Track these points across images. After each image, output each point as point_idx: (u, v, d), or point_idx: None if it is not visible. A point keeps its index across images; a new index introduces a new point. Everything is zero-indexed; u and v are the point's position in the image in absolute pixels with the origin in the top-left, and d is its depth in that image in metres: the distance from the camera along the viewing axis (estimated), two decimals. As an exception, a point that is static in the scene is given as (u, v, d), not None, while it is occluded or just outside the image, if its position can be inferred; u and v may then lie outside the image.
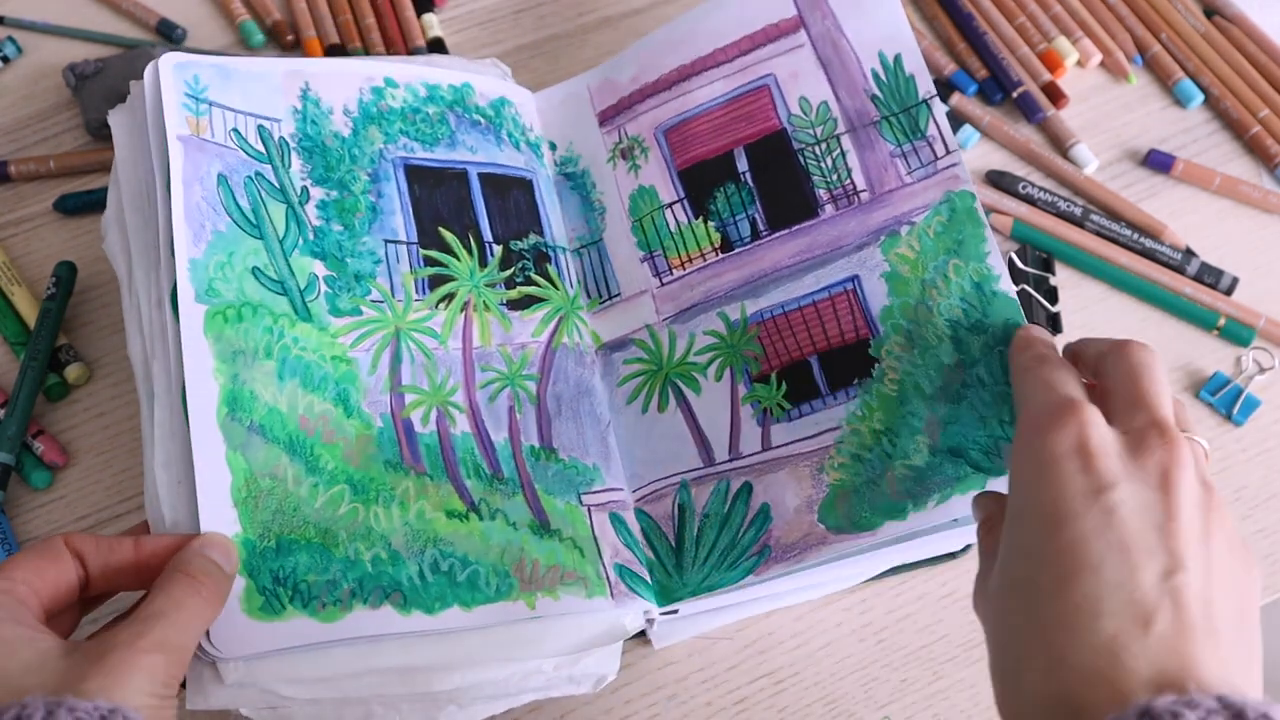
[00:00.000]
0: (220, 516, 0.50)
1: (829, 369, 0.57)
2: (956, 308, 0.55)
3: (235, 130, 0.58)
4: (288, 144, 0.59)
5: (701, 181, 0.63)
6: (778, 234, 0.60)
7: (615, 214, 0.64)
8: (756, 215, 0.61)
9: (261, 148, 0.58)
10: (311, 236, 0.57)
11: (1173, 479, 0.41)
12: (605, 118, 0.66)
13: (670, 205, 0.63)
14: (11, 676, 0.40)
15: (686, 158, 0.63)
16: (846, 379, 0.56)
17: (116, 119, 0.59)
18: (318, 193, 0.58)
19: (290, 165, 0.58)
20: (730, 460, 0.57)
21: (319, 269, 0.57)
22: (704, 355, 0.59)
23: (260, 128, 0.58)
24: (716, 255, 0.61)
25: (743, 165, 0.62)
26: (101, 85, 0.68)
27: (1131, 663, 0.37)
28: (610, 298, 0.62)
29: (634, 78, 0.65)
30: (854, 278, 0.58)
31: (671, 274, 0.62)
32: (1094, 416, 0.43)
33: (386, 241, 0.59)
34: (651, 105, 0.65)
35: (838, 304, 0.58)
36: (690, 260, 0.61)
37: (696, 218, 0.62)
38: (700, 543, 0.55)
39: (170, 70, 0.57)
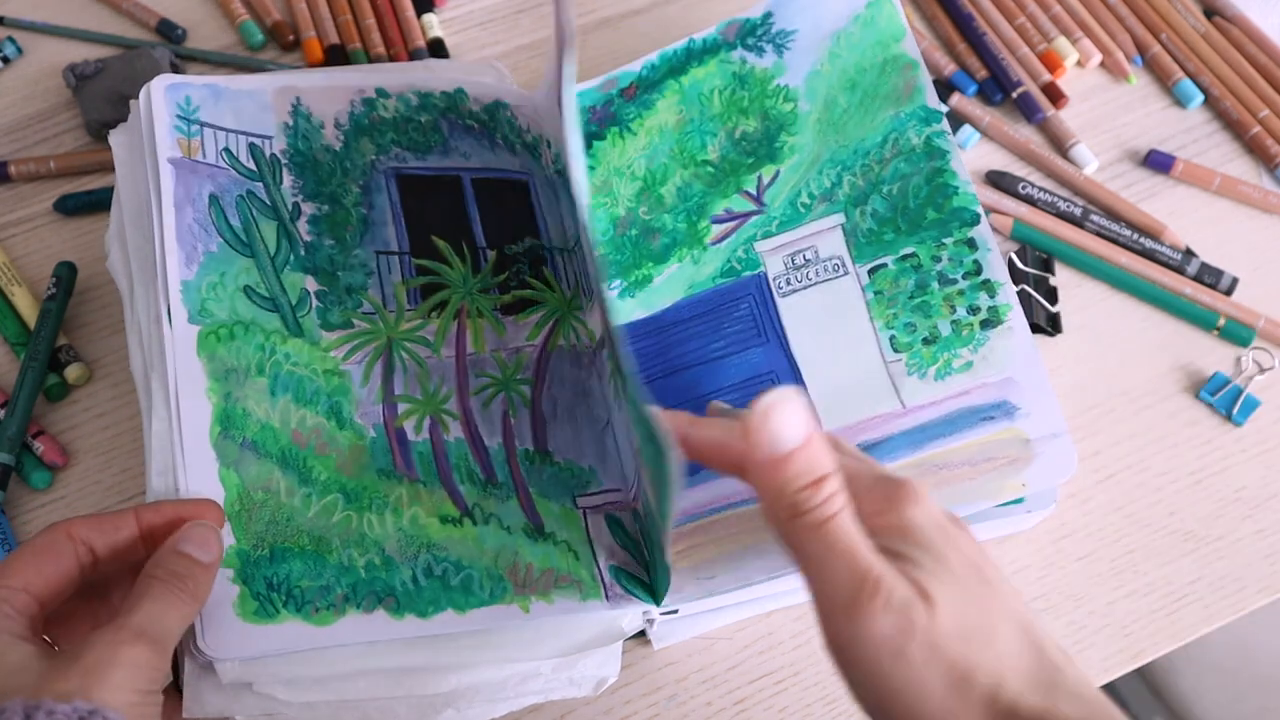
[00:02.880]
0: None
1: None
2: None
3: (227, 150, 0.58)
4: (279, 160, 0.59)
5: None
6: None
7: None
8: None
9: (253, 166, 0.59)
10: (303, 252, 0.58)
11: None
12: None
13: None
14: None
15: None
16: None
17: (116, 138, 0.60)
18: (309, 208, 0.59)
19: (281, 182, 0.59)
20: None
21: (310, 284, 0.57)
22: None
23: (252, 145, 0.59)
24: None
25: None
26: (101, 85, 0.68)
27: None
28: None
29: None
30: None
31: None
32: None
33: (378, 253, 0.59)
34: None
35: None
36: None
37: None
38: None
39: (161, 93, 0.58)
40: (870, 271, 0.58)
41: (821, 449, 0.40)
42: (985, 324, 0.56)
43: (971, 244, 0.57)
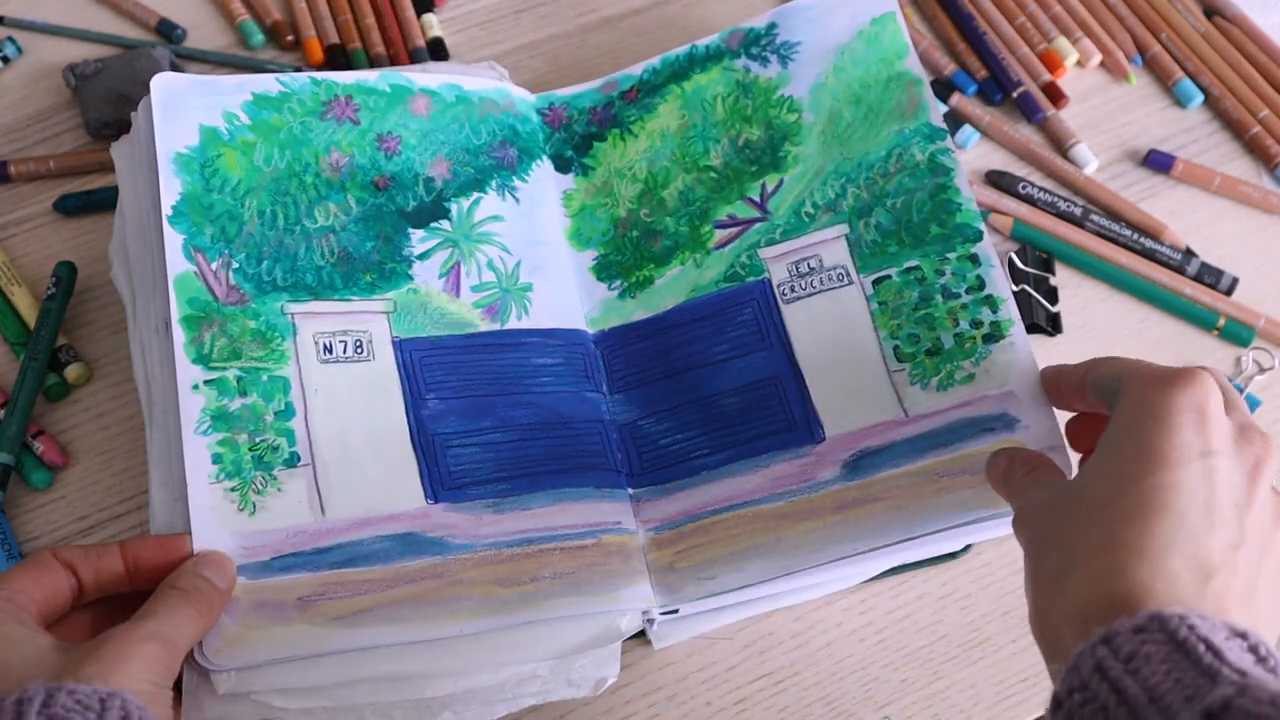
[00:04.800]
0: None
1: None
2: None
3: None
4: None
5: None
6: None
7: None
8: None
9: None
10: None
11: (1262, 471, 0.44)
12: None
13: None
14: (13, 669, 0.41)
15: None
16: None
17: (118, 150, 0.60)
18: None
19: None
20: None
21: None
22: None
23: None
24: None
25: None
26: (101, 85, 0.68)
27: (1183, 596, 0.40)
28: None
29: None
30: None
31: None
32: (1216, 388, 0.45)
33: None
34: None
35: None
36: None
37: None
38: None
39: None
40: (874, 282, 0.59)
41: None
42: (988, 338, 0.57)
43: (974, 259, 0.58)
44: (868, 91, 0.62)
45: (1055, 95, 0.74)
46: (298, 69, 0.72)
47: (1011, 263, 0.68)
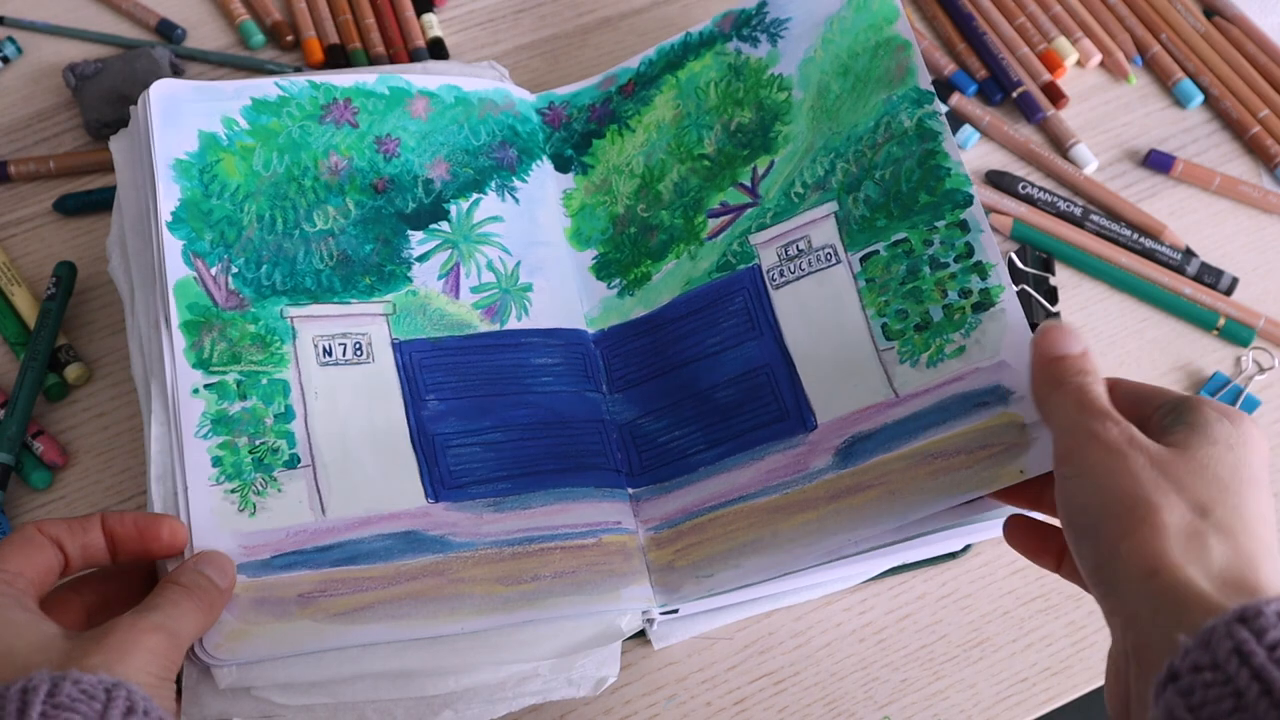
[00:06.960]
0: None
1: None
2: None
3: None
4: None
5: None
6: None
7: None
8: None
9: None
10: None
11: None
12: None
13: None
14: (19, 655, 0.41)
15: None
16: None
17: (116, 144, 0.60)
18: None
19: None
20: None
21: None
22: None
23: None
24: None
25: None
26: (101, 85, 0.68)
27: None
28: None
29: None
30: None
31: None
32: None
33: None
34: None
35: None
36: None
37: None
38: None
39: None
40: (862, 259, 0.58)
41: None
42: (977, 307, 0.55)
43: (964, 226, 0.56)
44: (855, 61, 0.61)
45: (1055, 95, 0.74)
46: (298, 69, 0.72)
47: (1011, 263, 0.68)
